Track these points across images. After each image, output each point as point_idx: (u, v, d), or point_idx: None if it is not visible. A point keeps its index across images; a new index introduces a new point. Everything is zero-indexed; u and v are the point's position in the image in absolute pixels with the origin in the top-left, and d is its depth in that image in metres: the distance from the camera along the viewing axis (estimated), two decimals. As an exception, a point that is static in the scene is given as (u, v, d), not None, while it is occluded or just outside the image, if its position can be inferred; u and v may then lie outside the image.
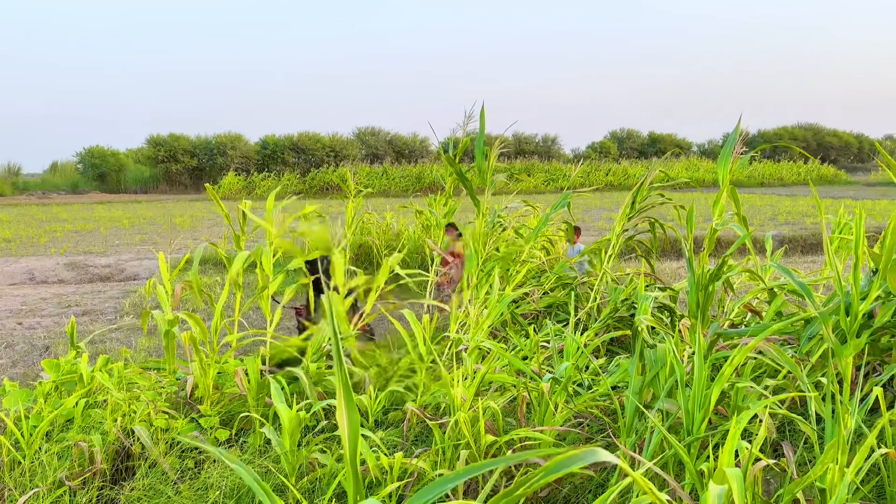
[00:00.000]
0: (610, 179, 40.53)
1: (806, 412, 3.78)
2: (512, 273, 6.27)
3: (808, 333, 3.96)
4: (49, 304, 9.75)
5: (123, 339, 7.62)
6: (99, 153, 42.61)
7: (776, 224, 17.48)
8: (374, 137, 48.02)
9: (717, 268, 3.63)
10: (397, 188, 38.24)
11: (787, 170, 44.57)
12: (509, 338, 5.44)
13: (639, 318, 3.68)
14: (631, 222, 6.29)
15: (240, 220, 5.05)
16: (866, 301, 3.36)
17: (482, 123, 4.99)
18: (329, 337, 5.25)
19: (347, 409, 1.73)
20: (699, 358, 3.07)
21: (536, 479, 1.54)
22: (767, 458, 2.75)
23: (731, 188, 4.16)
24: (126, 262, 13.23)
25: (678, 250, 13.66)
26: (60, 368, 4.59)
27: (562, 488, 3.49)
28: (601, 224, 18.36)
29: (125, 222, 21.68)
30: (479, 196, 5.29)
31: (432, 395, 4.22)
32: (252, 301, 4.97)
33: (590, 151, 52.04)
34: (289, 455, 3.51)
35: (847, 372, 3.23)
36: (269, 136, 44.97)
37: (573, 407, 3.84)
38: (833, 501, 2.39)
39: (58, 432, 4.06)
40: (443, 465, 3.50)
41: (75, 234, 18.33)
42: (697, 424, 3.06)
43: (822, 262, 12.44)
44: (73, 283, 11.82)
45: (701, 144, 57.09)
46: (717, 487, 2.15)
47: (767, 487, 3.25)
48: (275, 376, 4.57)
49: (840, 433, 2.51)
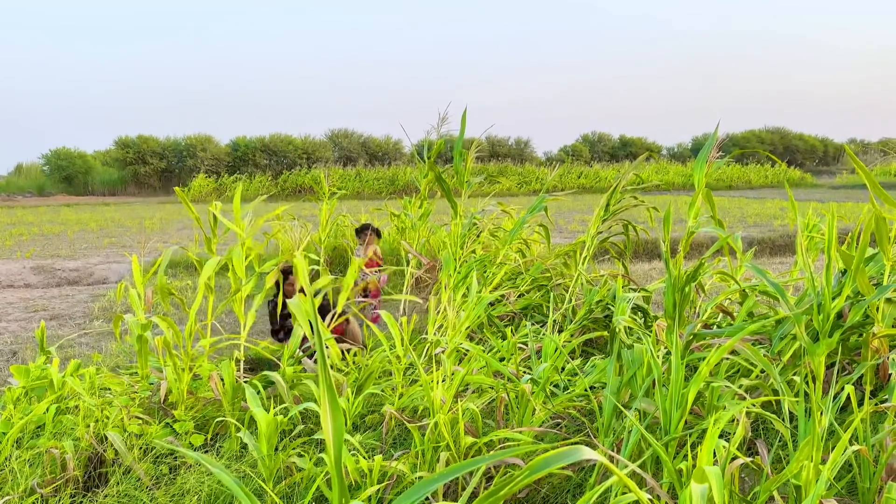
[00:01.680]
0: (582, 182, 40.85)
1: (779, 410, 3.85)
2: (489, 275, 6.29)
3: (779, 333, 4.03)
4: (15, 308, 9.54)
5: (94, 344, 7.48)
6: (65, 155, 41.78)
7: (745, 226, 17.76)
8: (347, 139, 47.79)
9: (693, 269, 3.68)
10: (371, 190, 38.11)
11: (755, 173, 45.30)
12: (487, 340, 5.45)
13: (616, 319, 3.71)
14: (605, 224, 6.35)
15: (210, 222, 4.99)
16: (838, 300, 3.43)
17: (462, 127, 5.00)
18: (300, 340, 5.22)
19: (332, 413, 1.72)
20: (676, 358, 3.11)
21: (521, 478, 1.55)
22: (743, 456, 2.80)
23: (707, 191, 4.23)
24: (94, 266, 13.00)
25: (650, 252, 13.81)
26: (30, 374, 4.49)
27: (540, 489, 3.51)
28: (574, 226, 18.48)
29: (93, 225, 21.31)
30: (455, 198, 5.30)
31: (410, 398, 4.21)
32: (225, 304, 4.92)
33: (562, 154, 52.38)
34: (266, 459, 3.48)
35: (819, 371, 3.29)
36: (240, 138, 44.49)
37: (551, 408, 3.86)
38: (809, 498, 2.43)
39: (28, 439, 3.97)
40: (422, 468, 3.50)
41: (42, 238, 17.97)
42: (675, 424, 3.09)
43: (791, 263, 12.66)
44: (41, 288, 11.59)
45: (671, 148, 57.88)
46: (700, 486, 2.18)
47: (743, 486, 3.30)
48: (250, 381, 4.53)
49: (814, 431, 2.56)
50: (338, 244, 11.18)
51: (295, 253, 5.01)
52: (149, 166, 42.04)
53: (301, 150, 44.45)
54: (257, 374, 4.76)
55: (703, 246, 14.09)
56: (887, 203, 3.74)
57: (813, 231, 5.72)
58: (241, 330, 4.93)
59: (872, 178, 3.58)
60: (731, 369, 4.17)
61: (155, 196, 40.15)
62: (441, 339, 4.70)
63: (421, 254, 7.93)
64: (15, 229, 20.06)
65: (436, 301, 5.23)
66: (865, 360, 3.64)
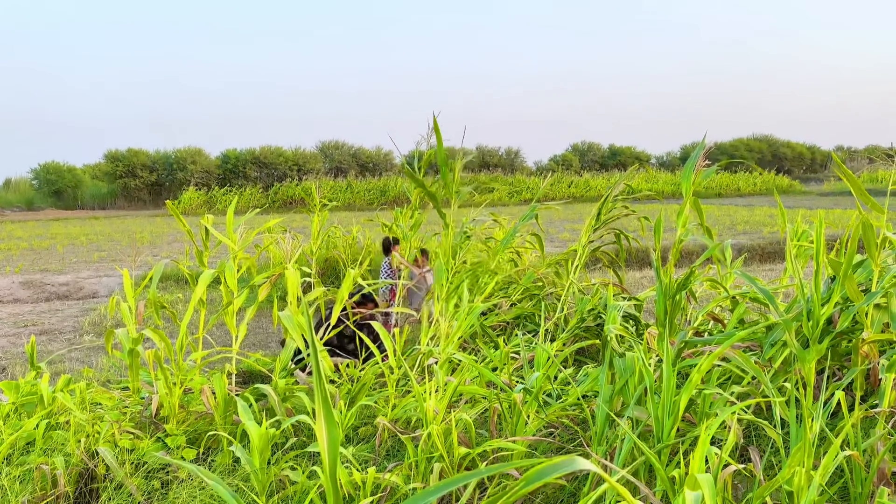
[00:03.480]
0: (573, 191, 40.98)
1: (770, 417, 3.87)
2: (481, 285, 6.30)
3: (770, 340, 4.06)
4: (4, 323, 9.47)
5: (84, 359, 7.43)
6: (55, 169, 41.59)
7: (734, 234, 17.86)
8: (337, 151, 47.80)
9: (684, 277, 3.70)
10: (362, 201, 38.10)
11: (743, 181, 45.59)
12: (479, 349, 5.45)
13: (608, 328, 3.72)
14: (597, 233, 6.38)
15: (202, 235, 4.98)
16: (827, 306, 3.46)
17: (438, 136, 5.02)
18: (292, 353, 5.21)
19: (327, 424, 1.72)
20: (668, 366, 3.12)
21: (518, 489, 1.55)
22: (736, 463, 2.81)
23: (695, 199, 4.26)
24: (84, 280, 12.94)
25: (640, 260, 13.86)
26: (20, 389, 4.46)
27: (534, 498, 3.51)
28: (565, 235, 18.54)
29: (83, 239, 21.20)
30: (445, 209, 5.31)
31: (403, 409, 4.21)
32: (216, 318, 4.91)
33: (552, 164, 52.58)
34: (259, 473, 3.46)
35: (810, 377, 3.31)
36: (230, 151, 44.41)
37: (544, 417, 3.87)
38: (802, 503, 2.44)
39: (18, 455, 3.94)
40: (416, 479, 3.49)
41: (31, 252, 17.86)
42: (667, 431, 3.10)
43: (781, 270, 12.74)
44: (30, 302, 11.51)
45: (659, 157, 58.18)
46: (693, 493, 2.19)
47: (736, 492, 3.31)
48: (242, 394, 4.51)
49: (806, 437, 2.58)
50: (329, 256, 11.17)
51: (286, 265, 5.00)
52: (138, 180, 41.91)
53: (292, 162, 44.41)
54: (249, 387, 4.75)
55: (693, 254, 14.16)
56: (874, 210, 3.78)
57: (802, 238, 5.77)
58: (233, 342, 4.91)
59: (859, 185, 3.61)
60: (723, 376, 4.19)
61: (145, 209, 40.01)
62: (434, 349, 4.70)
63: (412, 264, 7.93)
64: (4, 244, 19.93)
65: (428, 311, 5.23)
66: (855, 365, 3.66)
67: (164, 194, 41.92)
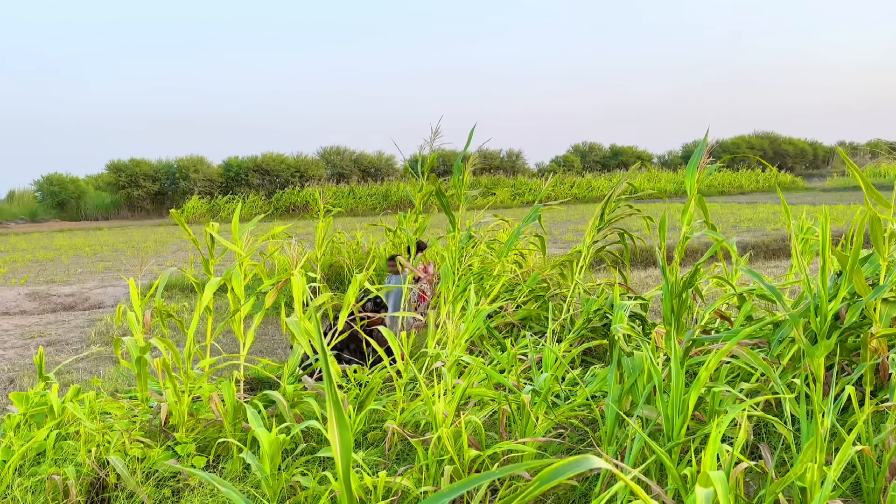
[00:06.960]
0: (575, 192, 40.95)
1: (780, 414, 3.86)
2: (487, 287, 6.30)
3: (778, 336, 4.05)
4: (11, 335, 9.50)
5: (91, 369, 7.45)
6: (58, 180, 41.71)
7: (738, 231, 17.83)
8: (339, 157, 47.86)
9: (690, 275, 3.70)
10: (365, 207, 38.13)
11: (746, 178, 45.50)
12: (487, 352, 5.45)
13: (615, 327, 3.72)
14: (601, 233, 6.37)
15: (207, 243, 5.00)
16: (834, 302, 3.45)
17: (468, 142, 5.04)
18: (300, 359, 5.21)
19: (339, 429, 1.72)
20: (676, 364, 3.12)
21: (532, 489, 1.55)
22: (747, 460, 2.80)
23: (699, 197, 4.25)
24: (90, 291, 12.97)
25: (645, 260, 13.85)
26: (29, 400, 4.47)
27: (545, 500, 3.50)
28: (568, 237, 18.53)
29: (87, 250, 21.26)
30: (453, 212, 5.32)
31: (412, 413, 4.21)
32: (224, 325, 4.91)
33: (554, 165, 52.56)
34: (269, 479, 3.47)
35: (819, 372, 3.31)
36: (232, 158, 44.50)
37: (553, 418, 3.86)
38: (814, 500, 2.44)
39: (29, 466, 3.95)
40: (427, 482, 3.49)
41: (36, 264, 17.91)
42: (677, 430, 3.10)
43: (786, 266, 12.71)
44: (36, 314, 11.54)
45: (661, 156, 58.12)
46: (704, 491, 2.18)
47: (748, 489, 3.30)
48: (251, 400, 4.52)
49: (817, 432, 2.57)
50: (334, 261, 11.18)
51: (292, 271, 5.01)
52: (142, 189, 42.01)
53: (294, 169, 44.48)
54: (257, 394, 4.75)
55: (697, 252, 14.13)
56: (880, 203, 3.77)
57: (807, 234, 5.76)
58: (241, 349, 4.92)
59: (866, 179, 3.61)
60: (732, 374, 4.18)
61: (148, 219, 40.11)
62: (441, 352, 4.70)
63: (416, 267, 7.94)
64: (9, 256, 20.00)
65: (435, 314, 5.23)
66: (865, 360, 3.65)
67: (167, 203, 42.02)
